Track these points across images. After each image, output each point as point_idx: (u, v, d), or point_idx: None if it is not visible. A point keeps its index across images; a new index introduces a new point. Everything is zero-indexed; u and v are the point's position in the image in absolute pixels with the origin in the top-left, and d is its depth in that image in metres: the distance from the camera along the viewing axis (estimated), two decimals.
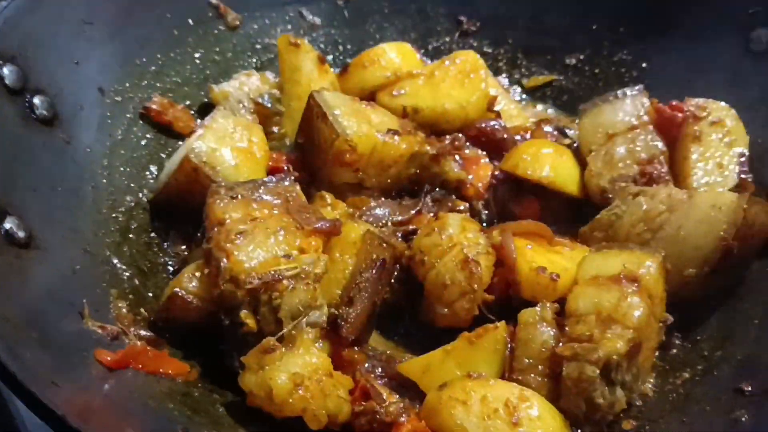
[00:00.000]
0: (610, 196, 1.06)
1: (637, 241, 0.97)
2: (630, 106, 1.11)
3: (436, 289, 0.94)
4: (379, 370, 0.93)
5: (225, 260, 0.87)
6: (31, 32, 0.99)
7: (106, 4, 1.11)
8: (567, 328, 0.88)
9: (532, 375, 0.86)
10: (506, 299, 0.96)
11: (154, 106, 1.13)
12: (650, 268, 0.91)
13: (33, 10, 1.01)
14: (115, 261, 0.97)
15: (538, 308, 0.89)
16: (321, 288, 0.90)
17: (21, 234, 0.84)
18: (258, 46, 1.29)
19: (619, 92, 1.13)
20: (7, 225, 0.83)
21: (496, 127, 1.18)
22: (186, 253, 1.04)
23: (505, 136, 1.17)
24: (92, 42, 1.08)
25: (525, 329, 0.88)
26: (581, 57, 1.30)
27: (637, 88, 1.12)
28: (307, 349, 0.84)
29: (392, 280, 0.98)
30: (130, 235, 1.02)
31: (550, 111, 1.31)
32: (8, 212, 0.84)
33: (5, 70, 0.93)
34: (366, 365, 0.92)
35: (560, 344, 0.86)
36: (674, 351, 0.97)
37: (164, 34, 1.19)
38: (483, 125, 1.18)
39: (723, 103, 1.08)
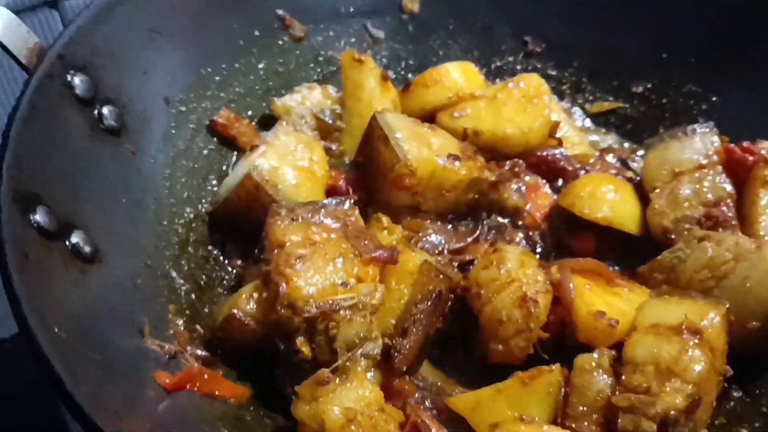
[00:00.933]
0: (673, 236, 1.03)
1: (700, 288, 0.95)
2: (699, 144, 1.08)
3: (491, 324, 0.93)
4: (429, 402, 0.93)
5: (284, 285, 0.87)
6: (102, 42, 1.00)
7: (175, 14, 1.12)
8: (624, 377, 0.86)
9: (586, 423, 0.85)
10: (560, 338, 0.95)
11: (220, 120, 1.14)
12: (713, 320, 0.88)
13: (105, 20, 1.02)
14: (174, 275, 0.98)
15: (595, 354, 0.88)
16: (376, 318, 0.90)
17: (87, 248, 0.85)
18: (321, 59, 1.29)
19: (688, 128, 1.09)
20: (74, 239, 0.85)
21: (558, 155, 1.17)
22: (243, 268, 1.05)
23: (567, 166, 1.15)
24: (160, 52, 1.09)
25: (581, 375, 0.87)
26: (648, 85, 1.27)
27: (706, 125, 1.09)
28: (361, 382, 0.84)
29: (446, 311, 0.98)
30: (189, 248, 1.03)
31: (613, 139, 1.28)
32: (75, 226, 0.86)
33: (76, 80, 0.95)
34: (416, 396, 0.93)
35: (616, 393, 0.85)
36: (732, 404, 0.95)
37: (230, 44, 1.20)
38: (544, 153, 1.16)
39: None
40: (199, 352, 0.90)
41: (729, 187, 1.05)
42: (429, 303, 0.92)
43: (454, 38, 1.33)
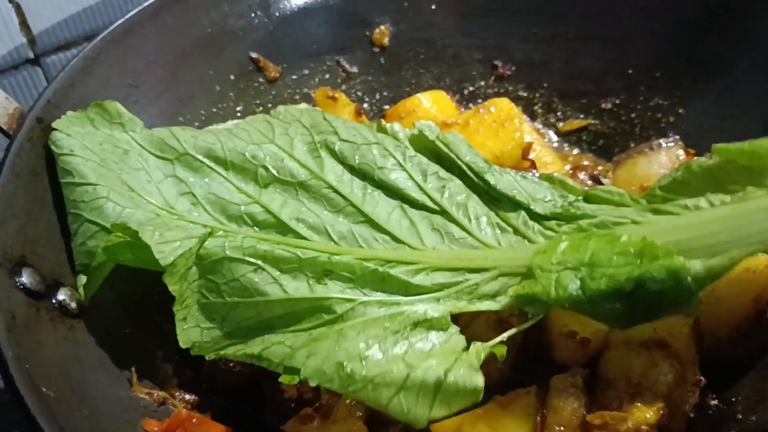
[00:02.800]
0: None
1: None
2: (665, 158, 1.11)
3: None
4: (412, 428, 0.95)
5: None
6: (80, 102, 1.04)
7: (151, 66, 1.17)
8: (597, 394, 0.89)
9: None
10: (538, 359, 0.98)
11: None
12: (681, 331, 0.91)
13: (82, 80, 1.07)
14: (161, 321, 1.02)
15: (569, 374, 0.90)
16: None
17: (73, 305, 0.89)
18: (297, 97, 1.33)
19: (654, 143, 1.13)
20: (61, 296, 0.89)
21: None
22: None
23: None
24: (139, 105, 1.13)
25: (557, 395, 0.89)
26: (617, 101, 1.30)
27: (671, 139, 1.12)
28: (345, 418, 0.87)
29: None
30: None
31: (586, 156, 1.31)
32: (61, 283, 0.90)
33: None
34: (400, 425, 0.95)
35: (591, 410, 0.88)
36: (710, 412, 0.96)
37: (207, 90, 1.24)
38: None
39: None
40: (187, 396, 0.93)
41: None
42: None
43: (426, 67, 1.37)
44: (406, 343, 0.85)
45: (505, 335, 0.88)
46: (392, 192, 0.99)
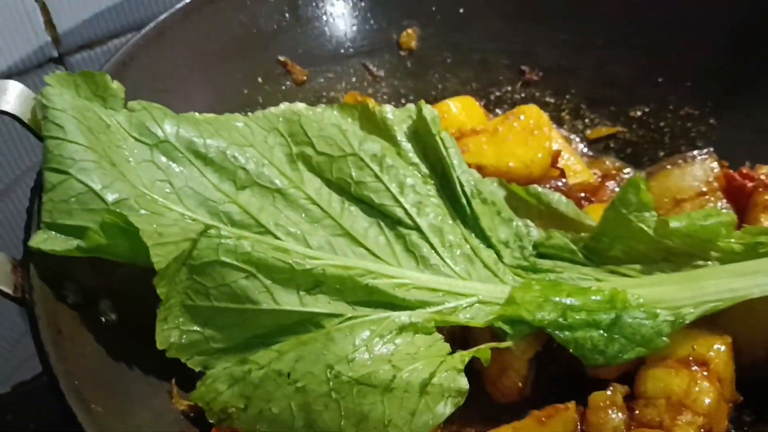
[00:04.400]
0: None
1: (706, 319, 0.97)
2: (699, 171, 1.11)
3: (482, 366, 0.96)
4: None
5: None
6: None
7: (179, 70, 1.16)
8: (637, 411, 0.89)
9: None
10: (572, 373, 0.98)
11: None
12: (719, 350, 0.91)
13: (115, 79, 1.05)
14: None
15: (608, 391, 0.91)
16: None
17: (113, 315, 0.89)
18: (324, 100, 1.32)
19: (687, 155, 1.12)
20: (102, 307, 0.89)
21: (560, 186, 1.19)
22: None
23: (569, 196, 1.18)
24: (168, 108, 1.12)
25: (595, 413, 0.90)
26: (646, 110, 1.30)
27: (706, 151, 1.12)
28: None
29: None
30: None
31: (614, 164, 1.31)
32: (101, 294, 0.90)
33: None
34: None
35: (631, 428, 0.88)
36: (745, 429, 0.97)
37: (235, 93, 1.23)
38: (546, 186, 1.19)
39: None
40: None
41: (732, 214, 1.07)
42: None
43: (453, 72, 1.36)
44: (392, 346, 0.87)
45: (493, 344, 0.91)
46: (369, 207, 1.00)
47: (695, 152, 1.12)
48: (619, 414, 0.89)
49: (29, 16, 1.27)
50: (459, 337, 0.99)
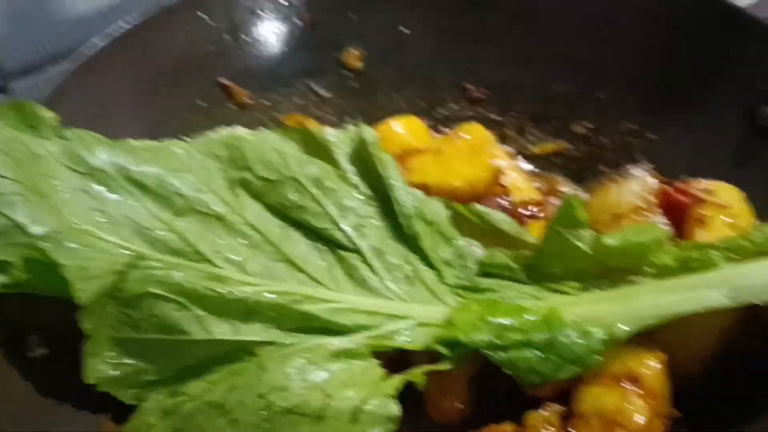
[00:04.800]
0: None
1: (640, 335, 0.98)
2: (636, 187, 1.11)
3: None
4: None
5: None
6: None
7: (119, 95, 1.15)
8: (572, 430, 0.90)
9: None
10: (512, 393, 0.98)
11: None
12: (653, 367, 0.92)
13: (51, 106, 1.04)
14: None
15: (545, 411, 0.91)
16: None
17: (41, 350, 0.88)
18: (269, 121, 1.31)
19: (627, 171, 1.13)
20: (28, 341, 0.87)
21: (503, 202, 1.20)
22: None
23: (512, 213, 1.19)
24: (106, 133, 1.11)
25: None
26: (589, 126, 1.31)
27: (643, 167, 1.13)
28: None
29: None
30: None
31: (558, 180, 1.32)
32: (27, 326, 0.88)
33: None
34: None
35: None
36: None
37: (175, 118, 1.22)
38: (489, 203, 1.19)
39: (729, 185, 1.08)
40: None
41: (666, 229, 1.08)
42: None
43: (398, 91, 1.36)
44: (326, 374, 0.87)
45: (429, 367, 0.91)
46: (309, 230, 1.00)
47: (632, 168, 1.13)
48: None
49: None
50: (401, 361, 0.99)
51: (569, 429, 0.90)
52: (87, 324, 0.83)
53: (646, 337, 0.97)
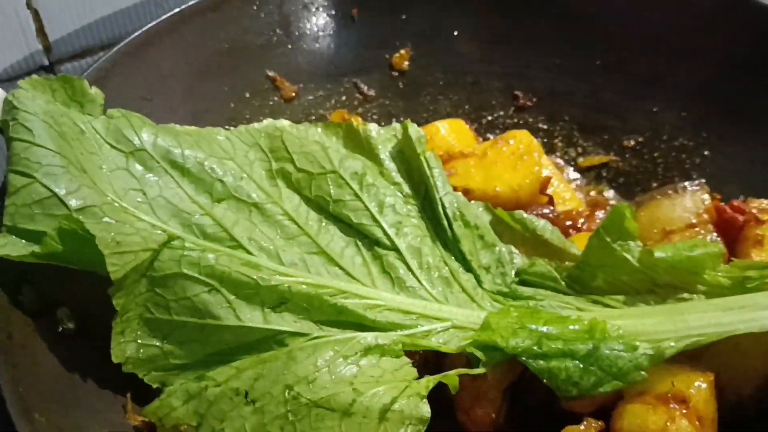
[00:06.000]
0: None
1: (688, 354, 0.93)
2: (689, 202, 1.07)
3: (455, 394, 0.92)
4: None
5: None
6: None
7: (165, 80, 1.15)
8: None
9: None
10: (546, 404, 0.94)
11: None
12: (700, 387, 0.87)
13: (99, 87, 1.04)
14: None
15: (582, 426, 0.87)
16: None
17: (71, 324, 0.87)
18: (313, 117, 1.30)
19: (678, 186, 1.09)
20: (59, 315, 0.86)
21: (547, 213, 1.16)
22: None
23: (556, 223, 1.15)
24: (152, 118, 1.10)
25: None
26: (640, 139, 1.27)
27: (697, 182, 1.08)
28: None
29: None
30: None
31: (606, 193, 1.28)
32: (60, 302, 0.87)
33: None
34: None
35: None
36: None
37: (221, 107, 1.22)
38: (534, 212, 1.16)
39: None
40: None
41: (720, 247, 1.03)
42: None
43: (445, 94, 1.34)
44: (356, 368, 0.84)
45: (463, 371, 0.88)
46: (347, 225, 0.98)
47: (686, 183, 1.09)
48: None
49: (21, 23, 1.27)
50: (432, 363, 0.96)
51: None
52: (117, 300, 0.82)
53: (693, 358, 0.93)
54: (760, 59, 1.16)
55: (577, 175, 1.30)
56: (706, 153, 1.21)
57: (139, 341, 0.84)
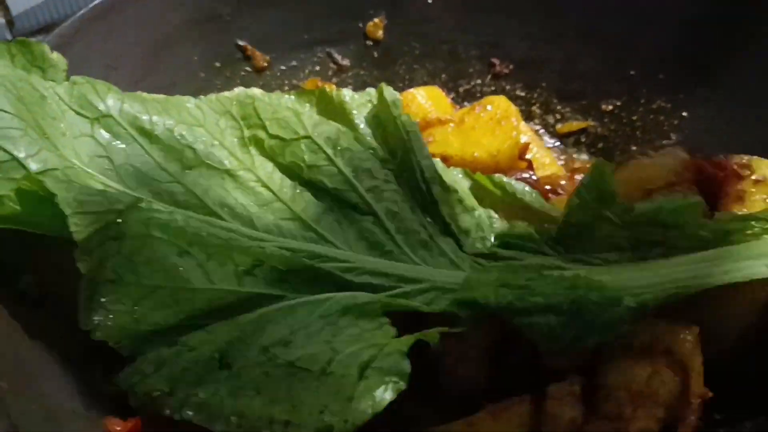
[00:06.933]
0: None
1: (672, 307, 0.92)
2: (669, 161, 1.06)
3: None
4: None
5: None
6: None
7: (132, 48, 1.12)
8: (595, 403, 0.83)
9: None
10: (528, 367, 0.92)
11: None
12: (684, 339, 0.86)
13: (61, 54, 1.01)
14: None
15: (567, 382, 0.85)
16: None
17: (35, 293, 0.83)
18: (286, 87, 1.28)
19: (657, 146, 1.08)
20: (22, 284, 0.83)
21: (527, 178, 1.15)
22: None
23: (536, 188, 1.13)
24: (117, 86, 1.08)
25: (552, 405, 0.83)
26: (618, 103, 1.26)
27: (675, 142, 1.08)
28: None
29: None
30: None
31: (585, 158, 1.27)
32: (25, 269, 0.84)
33: None
34: None
35: (589, 421, 0.82)
36: (715, 428, 0.91)
37: (190, 77, 1.19)
38: (513, 177, 1.14)
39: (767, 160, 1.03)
40: None
41: (700, 198, 1.02)
42: None
43: (421, 63, 1.32)
44: (333, 328, 0.82)
45: (443, 329, 0.84)
46: (322, 191, 0.95)
47: (665, 142, 1.08)
48: (578, 405, 0.83)
49: None
50: (414, 326, 0.94)
51: (594, 403, 0.83)
52: (83, 264, 0.78)
53: (678, 311, 0.92)
54: (731, 17, 1.16)
55: (557, 142, 1.29)
56: (684, 114, 1.20)
57: (107, 307, 0.80)
